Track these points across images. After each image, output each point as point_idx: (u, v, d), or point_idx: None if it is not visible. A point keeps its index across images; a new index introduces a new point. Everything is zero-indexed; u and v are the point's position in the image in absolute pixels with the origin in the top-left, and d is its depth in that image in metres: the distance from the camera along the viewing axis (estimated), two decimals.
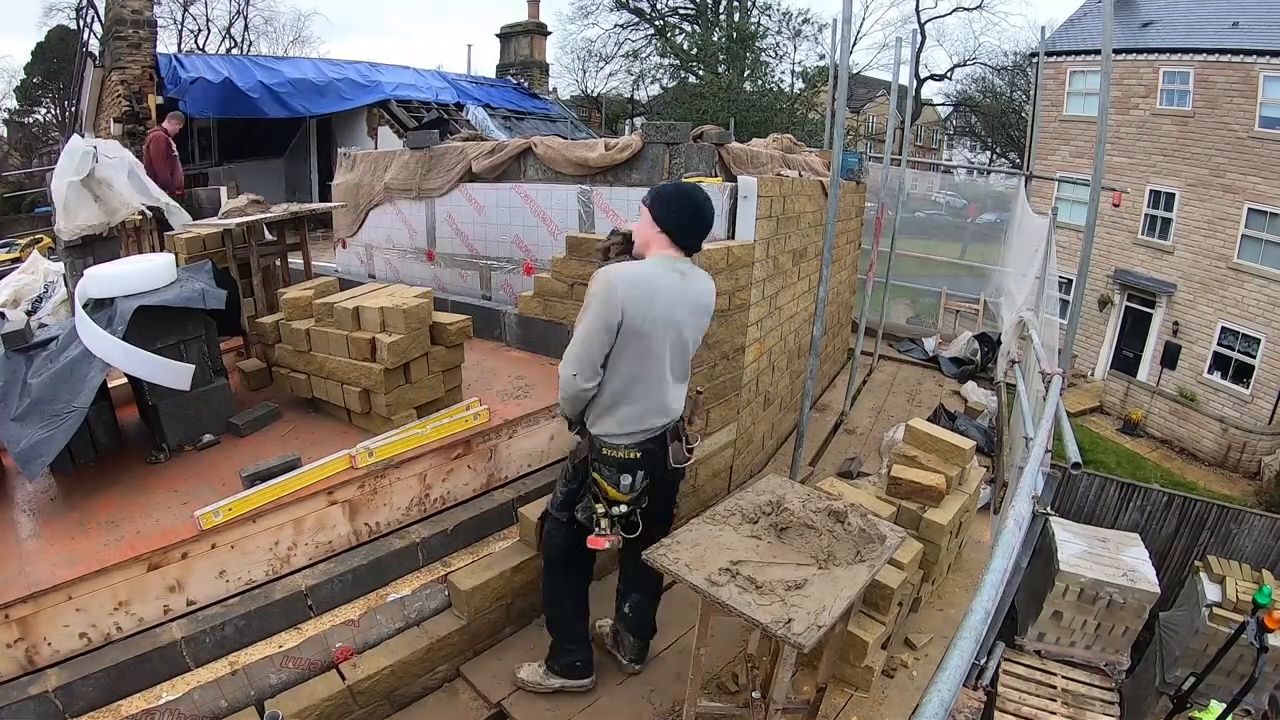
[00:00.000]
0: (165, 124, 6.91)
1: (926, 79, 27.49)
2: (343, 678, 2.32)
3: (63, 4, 23.60)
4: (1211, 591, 5.04)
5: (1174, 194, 14.02)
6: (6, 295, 6.60)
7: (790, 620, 1.79)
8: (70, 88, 16.02)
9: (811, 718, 2.39)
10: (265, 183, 9.51)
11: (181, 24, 24.61)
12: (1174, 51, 13.75)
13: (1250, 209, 12.89)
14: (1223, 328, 13.41)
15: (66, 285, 6.60)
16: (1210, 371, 13.66)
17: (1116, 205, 12.73)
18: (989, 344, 8.00)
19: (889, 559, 2.22)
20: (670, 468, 2.30)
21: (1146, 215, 14.54)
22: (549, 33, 15.27)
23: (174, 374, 2.74)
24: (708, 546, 2.09)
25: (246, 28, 26.63)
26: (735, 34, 23.43)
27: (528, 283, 4.33)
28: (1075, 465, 2.37)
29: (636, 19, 25.02)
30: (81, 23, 10.59)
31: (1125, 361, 15.04)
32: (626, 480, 2.20)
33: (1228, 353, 13.39)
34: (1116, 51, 12.73)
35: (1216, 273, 13.41)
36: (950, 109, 30.79)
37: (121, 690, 2.08)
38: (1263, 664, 3.95)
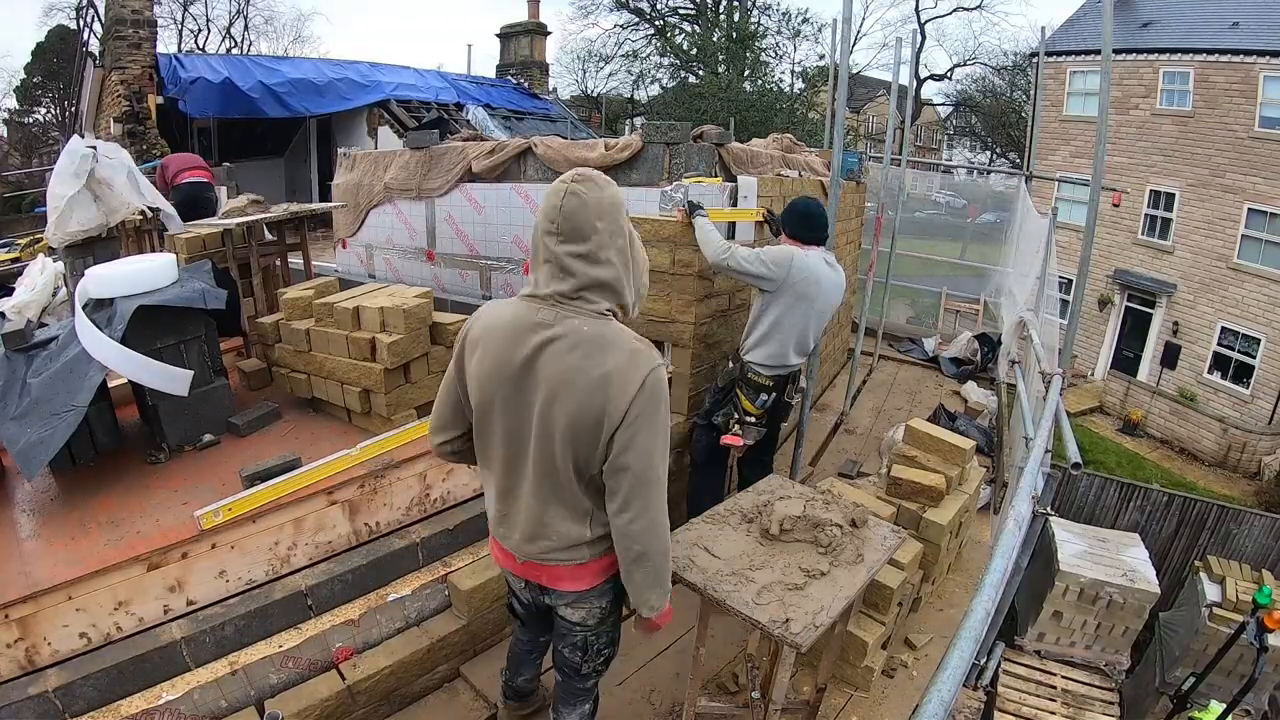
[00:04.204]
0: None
1: (926, 79, 27.50)
2: (343, 678, 2.32)
3: (63, 4, 23.60)
4: (1211, 591, 5.03)
5: (1174, 194, 14.02)
6: (11, 305, 6.59)
7: (789, 620, 1.79)
8: (70, 88, 16.02)
9: (811, 718, 2.39)
10: (265, 183, 9.51)
11: (181, 24, 24.65)
12: (1174, 51, 13.75)
13: (1250, 209, 12.89)
14: (1223, 328, 13.40)
15: (66, 285, 6.59)
16: (1210, 371, 13.65)
17: (1116, 205, 12.74)
18: (989, 344, 7.99)
19: (889, 559, 2.22)
20: (784, 401, 3.13)
21: (1146, 215, 14.54)
22: (549, 33, 15.27)
23: (173, 380, 2.74)
24: (707, 545, 2.09)
25: (246, 28, 26.67)
26: (735, 34, 23.42)
27: (528, 283, 4.32)
28: (1075, 465, 2.37)
29: (636, 19, 25.01)
30: (81, 23, 10.61)
31: (1125, 361, 15.04)
32: (762, 399, 3.00)
33: (1228, 353, 13.39)
34: (1116, 51, 12.73)
35: (1216, 273, 13.41)
36: (950, 109, 30.79)
37: (121, 690, 2.07)
38: (1263, 664, 3.95)
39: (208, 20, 25.58)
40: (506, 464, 1.60)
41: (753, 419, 3.03)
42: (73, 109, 12.66)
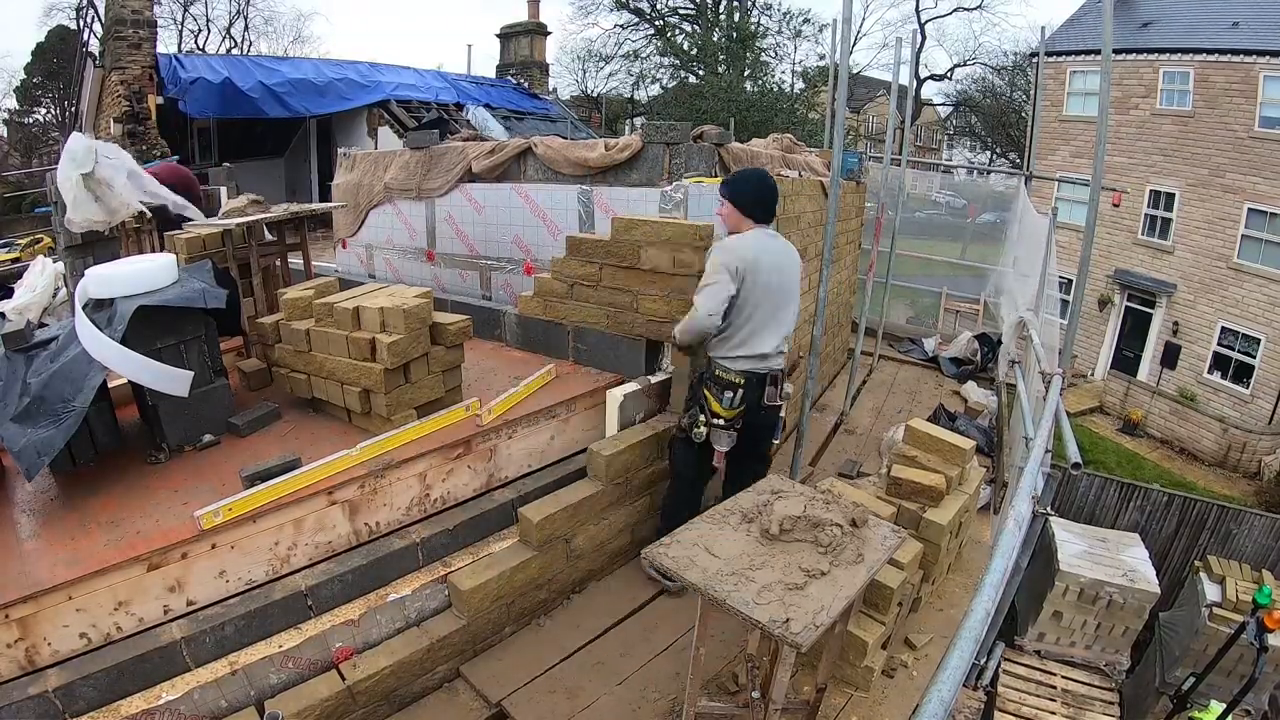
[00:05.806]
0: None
1: (926, 79, 27.53)
2: (343, 678, 2.32)
3: (63, 4, 23.63)
4: (1211, 591, 5.04)
5: (1174, 194, 14.02)
6: (12, 307, 6.62)
7: (789, 620, 1.79)
8: (70, 88, 16.04)
9: (811, 718, 2.39)
10: (265, 183, 9.50)
11: (181, 24, 24.69)
12: (1174, 51, 13.76)
13: (1250, 209, 12.89)
14: (1223, 328, 13.41)
15: (66, 286, 6.59)
16: (1210, 371, 13.66)
17: (1116, 205, 12.74)
18: (989, 344, 8.00)
19: (889, 559, 2.22)
20: (764, 404, 2.89)
21: (1146, 215, 14.55)
22: (549, 33, 15.28)
23: (173, 380, 2.73)
24: (707, 545, 2.09)
25: (246, 28, 26.72)
26: (735, 34, 23.46)
27: (528, 283, 4.33)
28: (1075, 465, 2.37)
29: (636, 19, 25.04)
30: (81, 23, 10.61)
31: (1125, 361, 15.05)
32: (728, 397, 2.82)
33: (1228, 353, 13.39)
34: (1116, 51, 12.73)
35: (1216, 273, 13.42)
36: (950, 109, 30.81)
37: (121, 690, 2.08)
38: (1263, 664, 3.95)
39: (208, 20, 25.65)
40: None
41: (721, 421, 2.83)
42: (73, 109, 12.67)
